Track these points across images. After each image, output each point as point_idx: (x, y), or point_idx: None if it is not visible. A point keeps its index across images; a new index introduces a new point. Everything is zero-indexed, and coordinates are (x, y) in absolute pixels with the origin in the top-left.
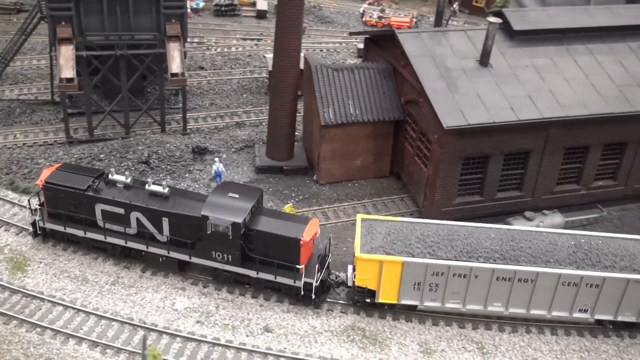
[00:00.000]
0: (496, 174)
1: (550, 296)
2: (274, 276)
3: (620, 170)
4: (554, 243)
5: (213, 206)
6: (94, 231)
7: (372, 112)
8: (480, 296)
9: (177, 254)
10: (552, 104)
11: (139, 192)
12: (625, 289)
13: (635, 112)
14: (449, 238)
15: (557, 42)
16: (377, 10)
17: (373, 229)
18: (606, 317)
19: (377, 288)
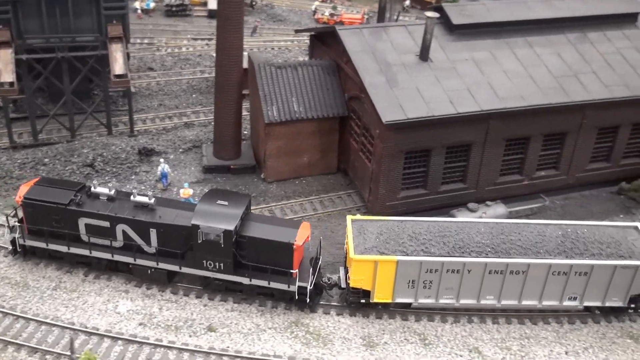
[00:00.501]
0: (439, 166)
1: (541, 286)
2: (268, 282)
3: (561, 159)
4: (542, 234)
5: (203, 215)
6: (78, 246)
7: (316, 109)
8: (473, 290)
9: (167, 265)
10: (491, 96)
11: (123, 204)
12: (612, 275)
13: (572, 102)
14: (441, 234)
15: (496, 35)
16: (329, 7)
17: (364, 229)
18: (594, 304)
19: (371, 288)
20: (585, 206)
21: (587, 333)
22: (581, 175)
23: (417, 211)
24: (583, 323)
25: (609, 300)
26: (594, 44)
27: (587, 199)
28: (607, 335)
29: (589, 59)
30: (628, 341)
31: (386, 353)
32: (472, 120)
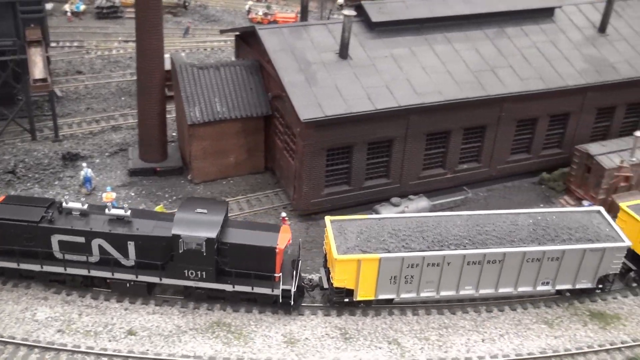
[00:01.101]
0: (362, 163)
1: (516, 273)
2: (251, 287)
3: (482, 152)
4: (515, 223)
5: (183, 224)
6: (52, 264)
7: (240, 109)
8: (452, 282)
9: (146, 277)
10: (409, 92)
11: (98, 218)
12: (582, 259)
13: (488, 96)
14: (420, 230)
15: (416, 32)
16: (263, 7)
17: (344, 229)
18: (565, 287)
19: (355, 287)
20: (507, 197)
21: (503, 320)
22: (503, 167)
23: (342, 208)
24: (500, 311)
25: (579, 282)
26: (511, 38)
27: (510, 190)
28: (523, 322)
29: (506, 54)
30: (542, 326)
31: (307, 349)
32: (391, 116)
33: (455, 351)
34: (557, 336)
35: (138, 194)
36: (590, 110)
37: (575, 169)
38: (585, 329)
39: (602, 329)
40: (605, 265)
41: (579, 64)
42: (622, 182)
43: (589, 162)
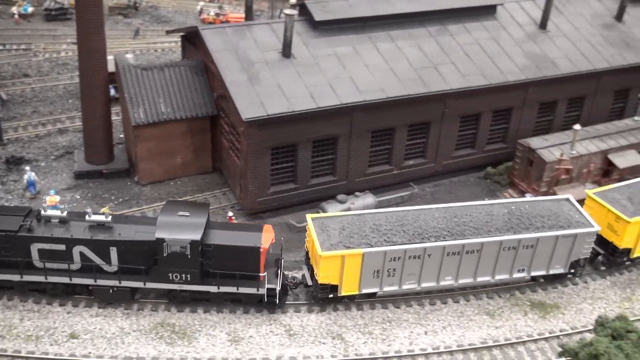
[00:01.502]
0: (307, 161)
1: (494, 262)
2: (236, 288)
3: (428, 148)
4: (490, 213)
5: (166, 227)
6: (32, 273)
7: (185, 109)
8: (433, 273)
9: (130, 282)
10: (352, 90)
11: (78, 225)
12: (555, 245)
13: (430, 92)
14: (400, 223)
15: (359, 30)
16: (215, 7)
17: (326, 226)
18: (540, 273)
19: (339, 282)
20: (453, 192)
21: (446, 313)
22: (449, 162)
23: (289, 206)
24: (443, 303)
25: (552, 268)
26: (453, 35)
27: (456, 185)
28: (465, 313)
29: (448, 51)
30: (484, 317)
31: (251, 346)
32: (335, 114)
33: (398, 344)
34: (498, 326)
35: (84, 197)
36: (532, 105)
37: (518, 162)
38: (525, 318)
39: (542, 318)
40: (576, 250)
41: (520, 60)
42: (563, 174)
43: (531, 156)
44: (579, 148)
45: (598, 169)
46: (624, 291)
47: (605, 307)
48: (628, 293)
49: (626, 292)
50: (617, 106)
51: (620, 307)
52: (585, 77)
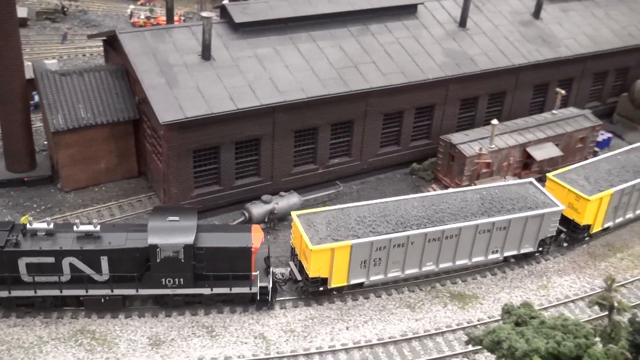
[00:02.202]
0: (230, 162)
1: (470, 245)
2: (229, 288)
3: (352, 146)
4: (465, 200)
5: (158, 233)
6: (20, 288)
7: (107, 114)
8: (415, 260)
9: (122, 290)
10: (272, 90)
11: (66, 236)
12: (525, 225)
13: (351, 91)
14: (383, 214)
15: (280, 31)
16: (145, 10)
17: (312, 222)
18: (511, 253)
19: (329, 275)
20: (379, 188)
21: (368, 307)
22: (374, 159)
23: (214, 208)
24: (365, 299)
25: (523, 248)
26: (375, 35)
27: (382, 182)
28: (387, 307)
29: (369, 50)
30: (405, 310)
31: (172, 349)
32: (256, 115)
33: (320, 340)
34: (418, 319)
35: (4, 206)
36: (454, 101)
37: (441, 158)
38: (445, 310)
39: (461, 308)
40: (544, 229)
41: (440, 57)
42: (483, 168)
43: (452, 151)
44: (498, 142)
45: (518, 162)
46: (540, 279)
47: (522, 296)
48: (544, 281)
49: (542, 280)
50: (538, 100)
51: (537, 294)
52: (504, 73)
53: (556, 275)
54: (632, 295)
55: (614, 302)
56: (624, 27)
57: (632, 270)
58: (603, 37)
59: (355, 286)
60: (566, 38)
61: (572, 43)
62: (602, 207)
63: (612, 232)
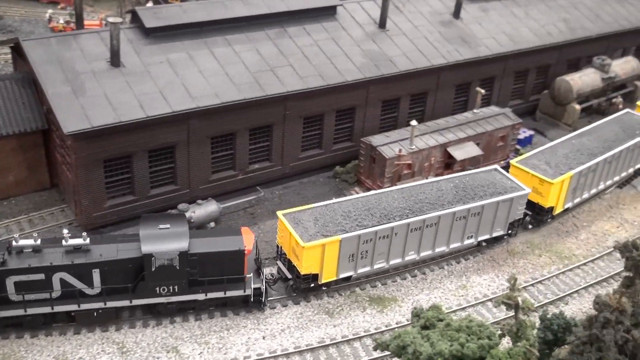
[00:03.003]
0: (144, 171)
1: (448, 232)
2: (224, 292)
3: (273, 151)
4: (440, 189)
5: (151, 241)
6: (9, 308)
7: (12, 125)
8: (399, 250)
9: (115, 302)
10: (184, 97)
11: (54, 251)
12: (496, 210)
13: (267, 96)
14: (366, 208)
15: (194, 35)
16: (65, 14)
17: (299, 220)
18: (484, 237)
19: (319, 271)
20: (301, 193)
21: (286, 315)
22: (296, 163)
23: (130, 219)
24: (284, 306)
25: (494, 231)
26: (292, 38)
27: (305, 186)
28: (305, 314)
29: (286, 53)
30: (323, 317)
31: None
32: (169, 122)
33: (235, 351)
34: (336, 325)
35: None
36: (375, 103)
37: (363, 160)
38: (364, 314)
39: (380, 312)
40: (513, 212)
41: (359, 59)
42: (404, 169)
43: (373, 153)
44: (419, 143)
45: (439, 162)
46: (459, 279)
47: (441, 297)
48: (463, 281)
49: (461, 280)
50: (460, 100)
51: (455, 294)
52: (424, 74)
53: (475, 275)
54: (549, 291)
55: (518, 301)
56: (543, 25)
57: (550, 266)
58: (522, 36)
59: (344, 280)
60: (486, 37)
61: (492, 42)
62: (564, 189)
63: (532, 231)
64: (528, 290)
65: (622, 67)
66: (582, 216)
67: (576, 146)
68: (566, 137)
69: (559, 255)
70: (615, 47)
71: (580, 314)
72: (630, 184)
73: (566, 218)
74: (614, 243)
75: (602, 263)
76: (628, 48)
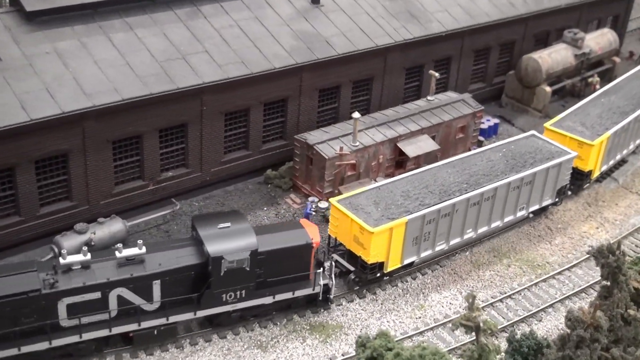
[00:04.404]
0: (31, 186)
1: (503, 205)
2: (292, 292)
3: (189, 155)
4: (490, 159)
5: (217, 243)
6: (60, 336)
7: None
8: (458, 228)
9: (178, 316)
10: (77, 94)
11: (106, 266)
12: (546, 177)
13: (178, 89)
14: (424, 186)
15: (88, 19)
16: None
17: (357, 205)
18: (535, 208)
19: (386, 258)
20: (226, 204)
21: (210, 352)
22: (218, 169)
23: (14, 245)
24: (207, 342)
25: (544, 200)
26: (208, 18)
27: (231, 195)
28: (233, 350)
29: (201, 37)
30: (255, 351)
31: None
32: (58, 125)
33: None
34: None
35: None
36: (310, 93)
37: (298, 161)
38: (304, 345)
39: (323, 342)
40: (561, 178)
41: (289, 41)
42: (348, 170)
43: (309, 153)
44: (364, 139)
45: (389, 160)
46: (416, 298)
47: (395, 320)
48: (421, 300)
49: (418, 299)
50: (412, 86)
51: (412, 317)
52: (368, 56)
53: (435, 292)
54: (519, 307)
55: (479, 322)
56: None
57: (520, 277)
58: (481, 9)
59: (405, 267)
60: (438, 11)
61: (446, 17)
62: (602, 151)
63: (497, 235)
64: (495, 307)
65: (597, 42)
66: (556, 217)
67: (607, 105)
68: (593, 96)
69: (530, 264)
70: (589, 18)
71: (557, 331)
72: (610, 177)
73: (538, 220)
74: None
75: (580, 271)
76: (603, 19)
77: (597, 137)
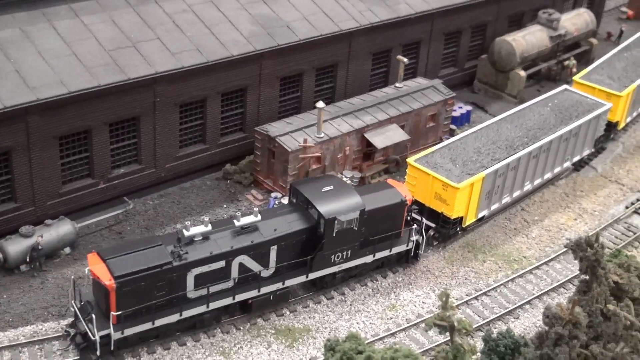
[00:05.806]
0: None
1: (554, 157)
2: (389, 250)
3: (142, 150)
4: (541, 113)
5: (328, 205)
6: (188, 307)
7: None
8: (519, 182)
9: (293, 280)
10: (19, 87)
11: (226, 235)
12: (588, 128)
13: (129, 80)
14: (491, 141)
15: (29, 6)
16: None
17: (435, 163)
18: (576, 159)
19: (465, 213)
20: (182, 202)
21: None
22: (173, 164)
23: None
24: (165, 349)
25: (584, 151)
26: (159, 3)
27: (188, 192)
28: (194, 357)
29: (152, 24)
30: (218, 358)
31: None
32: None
33: None
34: None
35: None
36: (271, 81)
37: (259, 155)
38: (269, 351)
39: (289, 347)
40: (598, 128)
41: (247, 27)
42: (313, 164)
43: (271, 146)
44: (329, 130)
45: (356, 152)
46: (387, 298)
47: (365, 322)
48: (392, 300)
49: (389, 298)
50: (379, 72)
51: (383, 318)
52: (332, 41)
53: (407, 291)
54: (495, 304)
55: (453, 321)
56: None
57: (496, 273)
58: None
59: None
60: None
61: None
62: (628, 103)
63: (474, 228)
64: (470, 305)
65: (573, 22)
66: (532, 208)
67: (630, 59)
68: (617, 50)
69: (506, 259)
70: None
71: (535, 329)
72: (589, 165)
73: (514, 212)
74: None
75: (558, 265)
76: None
77: (624, 89)
